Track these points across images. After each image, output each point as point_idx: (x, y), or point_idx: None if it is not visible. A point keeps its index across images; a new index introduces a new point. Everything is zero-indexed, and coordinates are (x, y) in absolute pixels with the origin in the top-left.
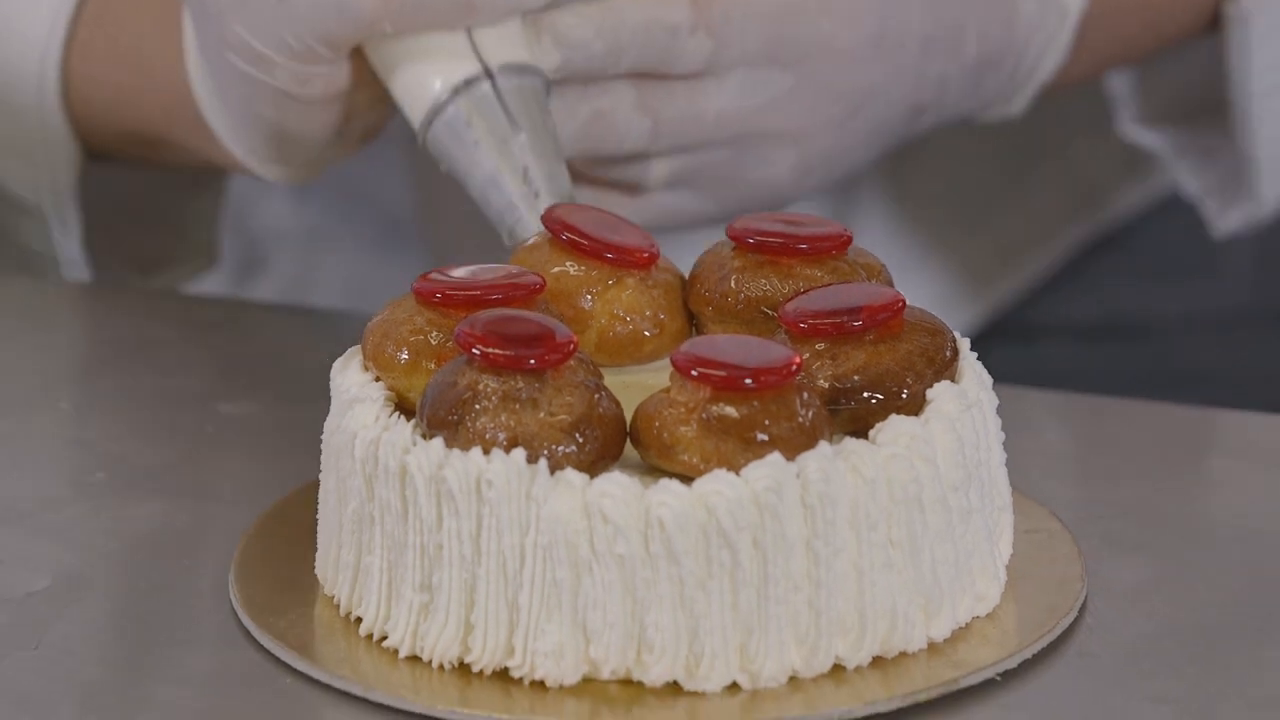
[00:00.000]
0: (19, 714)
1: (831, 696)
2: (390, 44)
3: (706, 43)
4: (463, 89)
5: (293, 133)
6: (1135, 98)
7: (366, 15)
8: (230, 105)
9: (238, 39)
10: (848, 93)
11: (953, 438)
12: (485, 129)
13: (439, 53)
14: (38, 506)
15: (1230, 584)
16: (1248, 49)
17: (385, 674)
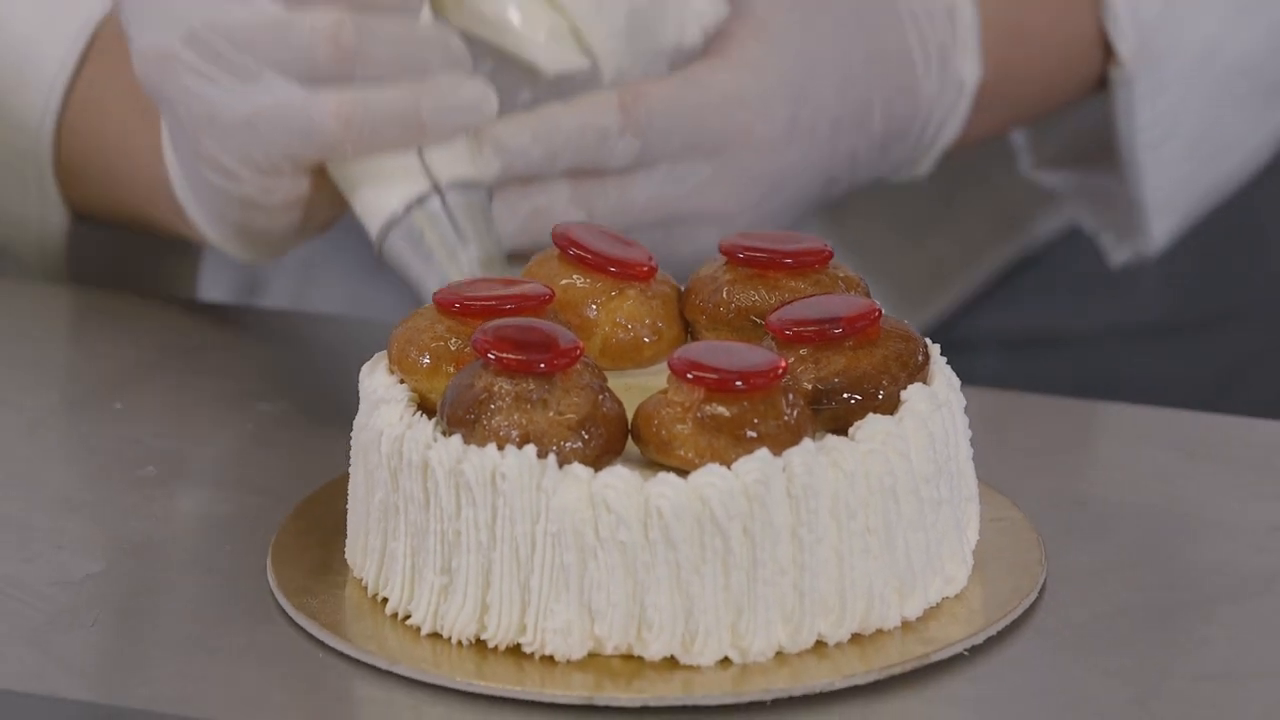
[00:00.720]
0: (78, 684)
1: (814, 670)
2: (349, 163)
3: (634, 143)
4: (415, 205)
5: (258, 230)
6: (1033, 147)
7: (329, 139)
8: (201, 203)
9: (208, 153)
10: (765, 175)
11: (924, 435)
12: (437, 240)
13: (393, 171)
14: (94, 497)
15: (1175, 568)
16: (1131, 108)
17: (408, 649)
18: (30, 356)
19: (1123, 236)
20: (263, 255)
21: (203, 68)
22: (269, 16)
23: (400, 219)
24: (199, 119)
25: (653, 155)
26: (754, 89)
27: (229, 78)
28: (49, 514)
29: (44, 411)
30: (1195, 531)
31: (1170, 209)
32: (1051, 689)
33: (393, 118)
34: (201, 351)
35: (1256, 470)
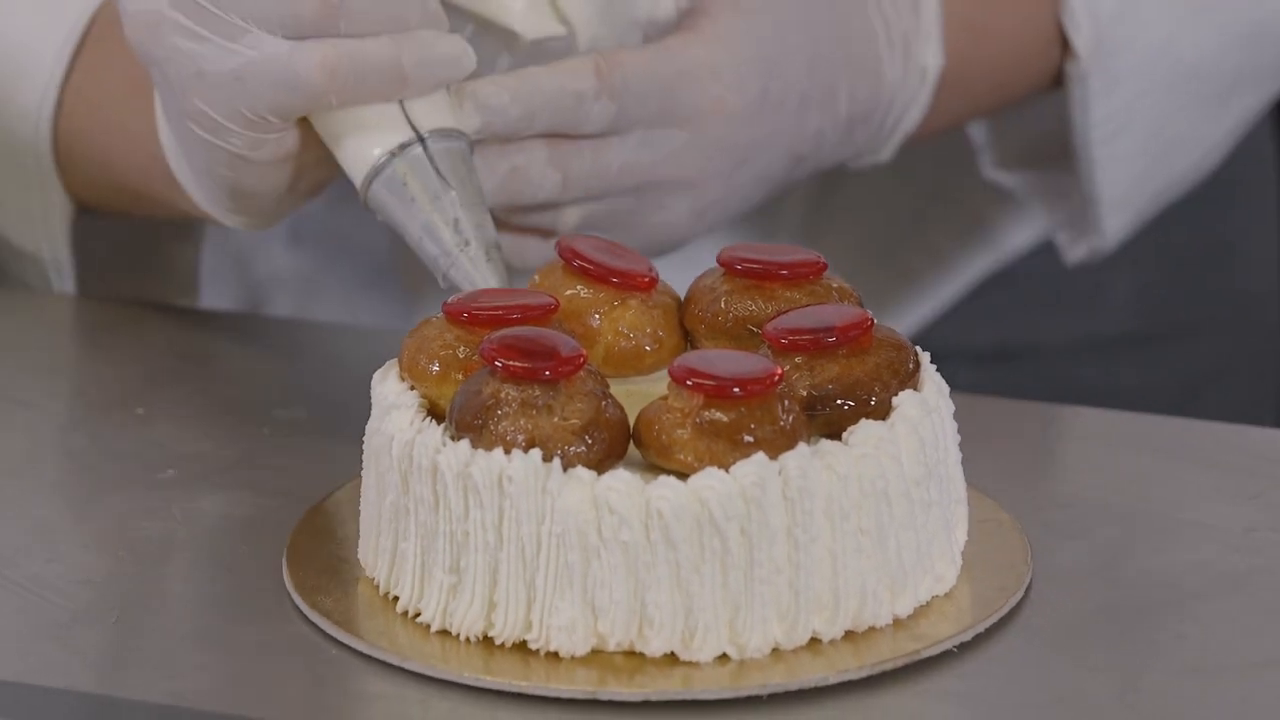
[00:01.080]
0: (99, 680)
1: (809, 666)
2: (333, 114)
3: (610, 107)
4: (398, 152)
5: (248, 189)
6: (991, 145)
7: (314, 90)
8: (193, 165)
9: (197, 110)
10: (735, 146)
11: (915, 440)
12: (419, 187)
13: (376, 121)
14: (117, 499)
15: (1154, 567)
16: (1086, 102)
17: (418, 646)
18: (55, 364)
19: (1078, 234)
20: (255, 220)
21: (190, 26)
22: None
23: (384, 166)
24: (187, 77)
25: (627, 121)
26: (726, 61)
27: (216, 35)
28: (73, 514)
29: (69, 416)
30: (1173, 532)
31: (1123, 205)
32: (1037, 684)
33: (375, 69)
34: (216, 359)
35: (1230, 473)
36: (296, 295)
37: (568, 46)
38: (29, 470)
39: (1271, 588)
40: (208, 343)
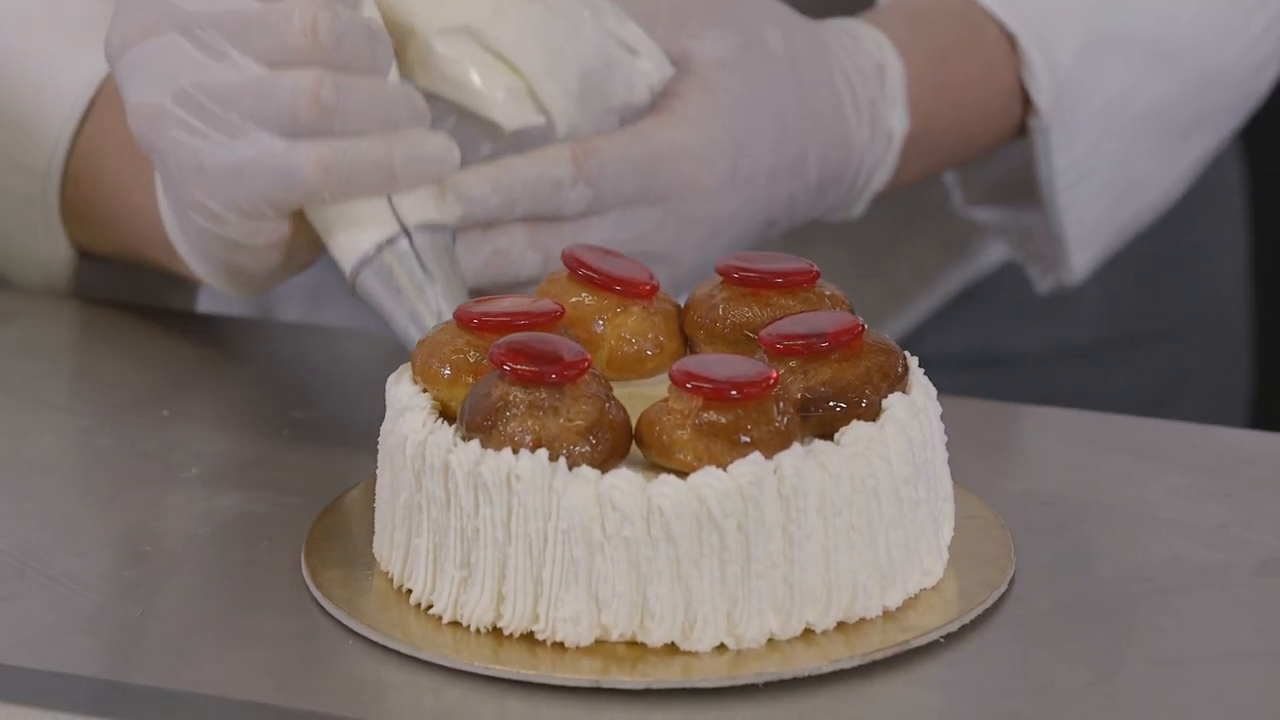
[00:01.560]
0: (124, 669)
1: (803, 656)
2: (326, 208)
3: (587, 192)
4: (385, 246)
5: (243, 268)
6: (961, 187)
7: (309, 186)
8: (191, 245)
9: (196, 200)
10: (708, 219)
11: (904, 440)
12: (405, 278)
13: (366, 215)
14: (142, 496)
15: (1131, 562)
16: (1049, 153)
17: (431, 636)
18: (84, 368)
19: (1046, 269)
20: (248, 291)
21: (191, 123)
22: (253, 77)
23: (372, 258)
24: (188, 169)
25: (604, 203)
26: (697, 142)
27: (216, 132)
28: (100, 511)
29: (97, 418)
30: (1148, 529)
31: (1088, 243)
32: (1020, 672)
33: (367, 167)
34: (236, 364)
35: (1203, 473)
36: (303, 306)
37: (547, 134)
38: (58, 469)
39: (1243, 582)
40: (227, 348)
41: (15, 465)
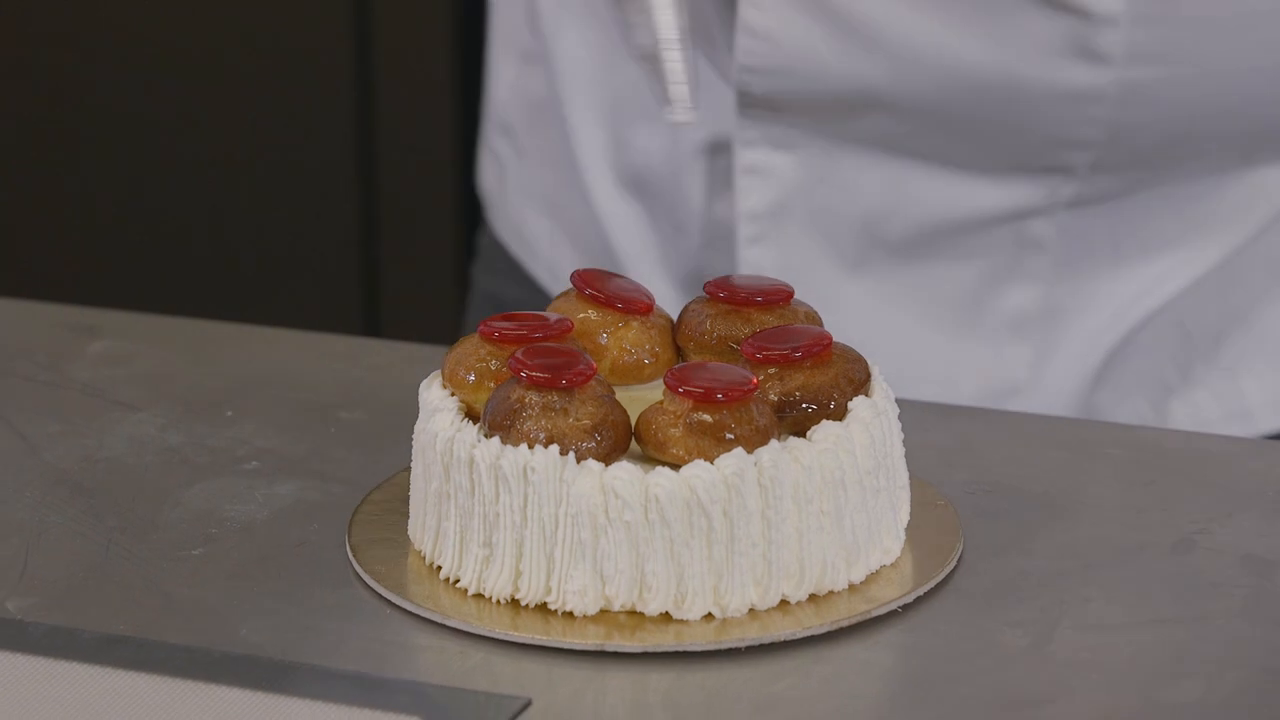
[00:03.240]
0: (193, 634)
1: (779, 623)
2: None
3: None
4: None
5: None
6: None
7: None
8: None
9: None
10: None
11: (867, 437)
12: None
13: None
14: (209, 485)
15: (1063, 541)
16: None
17: (458, 606)
18: (158, 375)
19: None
20: None
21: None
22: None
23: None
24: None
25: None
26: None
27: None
28: (173, 497)
29: (171, 417)
30: (1079, 512)
31: None
32: (967, 637)
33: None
34: (290, 371)
35: (1125, 465)
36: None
37: None
38: (135, 462)
39: (1159, 558)
40: (282, 358)
41: (99, 460)
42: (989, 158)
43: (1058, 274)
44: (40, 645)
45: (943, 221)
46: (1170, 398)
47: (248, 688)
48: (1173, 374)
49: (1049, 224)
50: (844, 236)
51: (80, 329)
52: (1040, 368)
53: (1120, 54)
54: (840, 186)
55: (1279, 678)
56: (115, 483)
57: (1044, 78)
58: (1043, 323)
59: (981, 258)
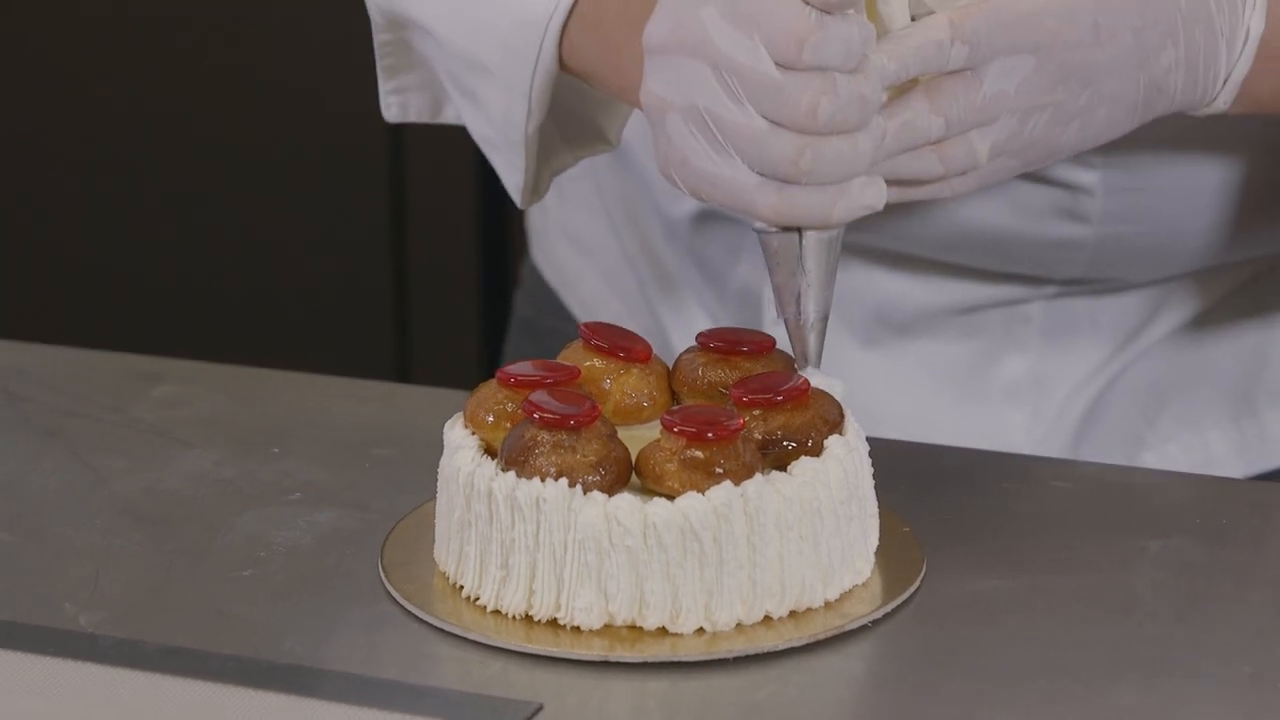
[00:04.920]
0: (244, 645)
1: (763, 636)
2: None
3: (963, 49)
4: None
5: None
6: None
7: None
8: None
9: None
10: (1081, 69)
11: (840, 471)
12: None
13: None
14: (257, 514)
15: (1019, 562)
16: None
17: (478, 621)
18: (213, 416)
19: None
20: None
21: (691, 130)
22: (757, 126)
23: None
24: (674, 156)
25: (980, 57)
26: (1055, 5)
27: (708, 146)
28: (226, 527)
29: (223, 454)
30: (1028, 536)
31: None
32: (929, 648)
33: (810, 213)
34: (330, 413)
35: (1069, 494)
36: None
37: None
38: (192, 494)
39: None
40: (322, 401)
41: (160, 492)
42: (988, 269)
43: (1044, 347)
44: (108, 655)
45: (942, 308)
46: (1143, 450)
47: (291, 693)
48: (1144, 428)
49: (1035, 308)
50: (858, 319)
51: (145, 375)
52: (1032, 430)
53: (1097, 216)
54: (857, 280)
55: (1209, 679)
56: (175, 511)
57: (1034, 231)
58: (1033, 389)
59: (976, 337)
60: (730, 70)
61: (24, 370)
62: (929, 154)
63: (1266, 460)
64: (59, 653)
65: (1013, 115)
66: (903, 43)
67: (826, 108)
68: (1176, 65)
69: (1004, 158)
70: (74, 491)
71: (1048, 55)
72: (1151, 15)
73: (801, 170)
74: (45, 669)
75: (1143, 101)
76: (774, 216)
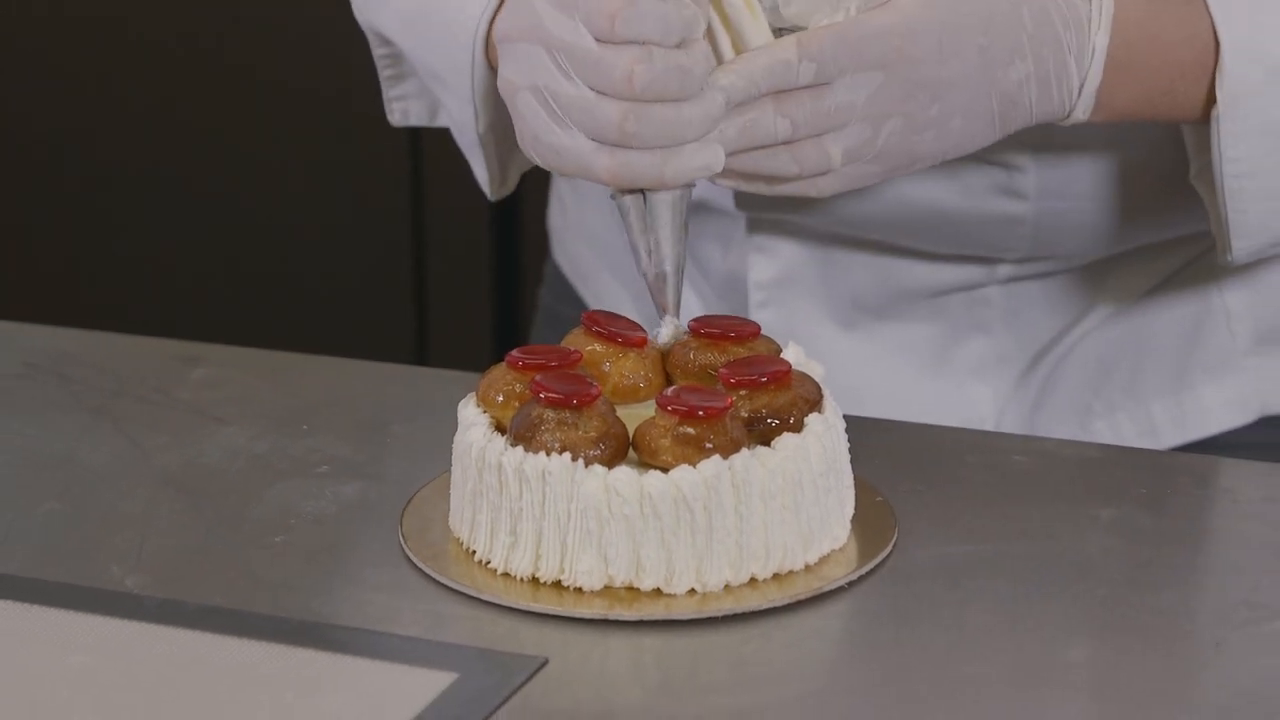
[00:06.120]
0: (274, 605)
1: (749, 597)
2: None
3: (811, 66)
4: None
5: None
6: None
7: (599, 178)
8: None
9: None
10: (927, 84)
11: (820, 446)
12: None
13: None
14: (287, 486)
15: (982, 529)
16: (1220, 142)
17: (489, 583)
18: (247, 395)
19: (1221, 247)
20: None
21: (536, 108)
22: (584, 96)
23: (614, 195)
24: (527, 133)
25: (828, 73)
26: (903, 22)
27: (550, 120)
28: (258, 497)
29: (256, 431)
30: (994, 506)
31: (1247, 235)
32: (899, 608)
33: (644, 173)
34: (355, 393)
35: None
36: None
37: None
38: (227, 467)
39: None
40: (348, 382)
41: (199, 465)
42: (944, 251)
43: (1003, 327)
44: (151, 614)
45: (911, 292)
46: (1093, 420)
47: (318, 649)
48: (1093, 400)
49: (994, 291)
50: (836, 303)
51: (184, 359)
52: (995, 404)
53: (1033, 191)
54: (833, 266)
55: (1155, 636)
56: (212, 483)
57: (979, 210)
58: (995, 367)
59: (942, 319)
60: (559, 48)
61: (74, 355)
62: (783, 153)
63: (1202, 429)
64: (106, 611)
65: (864, 123)
66: (752, 61)
67: (642, 75)
68: (1028, 79)
69: (862, 163)
70: (120, 465)
71: (894, 71)
72: (996, 34)
73: (628, 134)
74: (94, 626)
75: (999, 113)
76: (612, 179)
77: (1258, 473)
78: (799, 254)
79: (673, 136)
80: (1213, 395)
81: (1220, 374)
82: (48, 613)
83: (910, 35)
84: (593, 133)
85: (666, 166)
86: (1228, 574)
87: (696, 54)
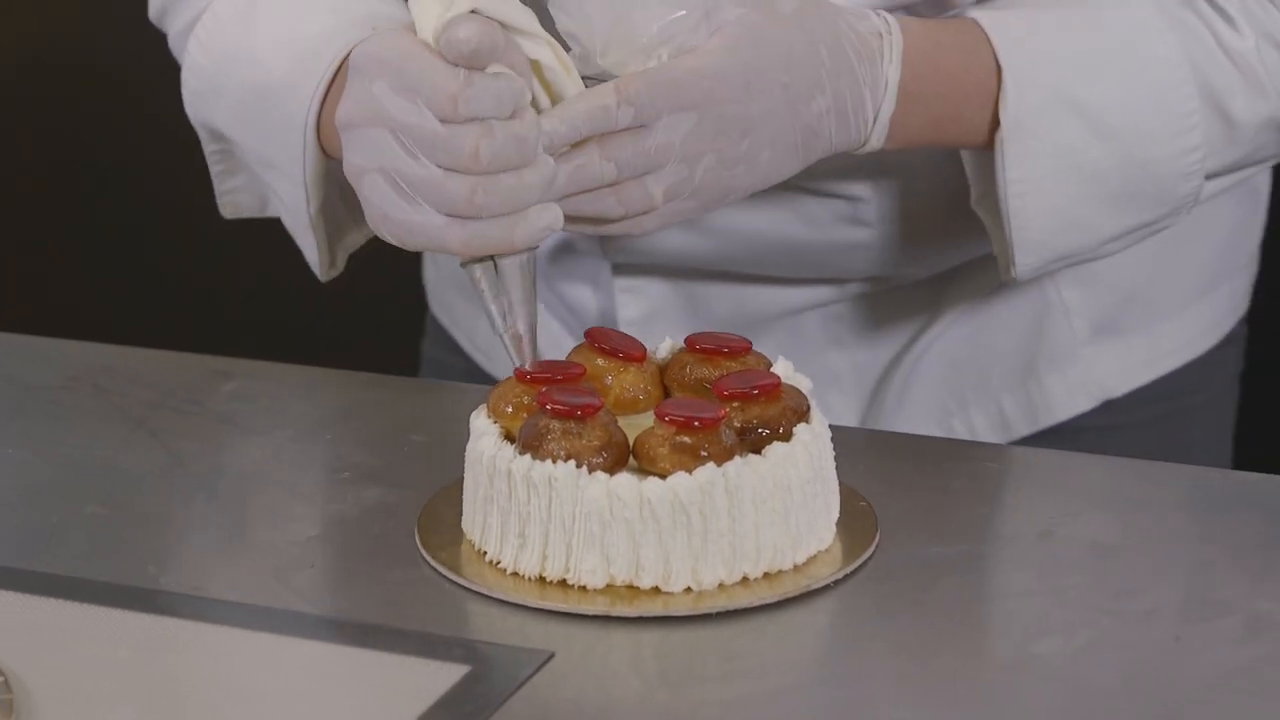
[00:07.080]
0: (300, 602)
1: (741, 595)
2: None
3: (629, 110)
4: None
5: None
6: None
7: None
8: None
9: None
10: (738, 120)
11: (807, 454)
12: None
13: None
14: (313, 490)
15: (959, 531)
16: (1004, 162)
17: (499, 582)
18: (275, 407)
19: (1003, 265)
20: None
21: (385, 189)
22: (433, 175)
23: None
24: (377, 213)
25: (646, 116)
26: (711, 66)
27: (400, 199)
28: (285, 501)
29: (284, 439)
30: (973, 509)
31: (1030, 252)
32: (882, 604)
33: (494, 241)
34: (375, 405)
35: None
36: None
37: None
38: (257, 473)
39: (1029, 543)
40: (369, 394)
41: (227, 470)
42: (798, 276)
43: (856, 341)
44: (185, 610)
45: (773, 313)
46: (951, 419)
47: (339, 643)
48: (948, 400)
49: (845, 307)
50: (722, 323)
51: (217, 373)
52: (859, 410)
53: (875, 219)
54: (696, 299)
55: (1119, 634)
56: (242, 488)
57: (825, 239)
58: (854, 377)
59: (802, 336)
60: (403, 131)
61: (114, 369)
62: (608, 195)
63: (1050, 417)
64: (143, 608)
65: (681, 162)
66: (572, 107)
67: (486, 150)
68: (828, 112)
69: (681, 200)
70: (156, 471)
71: (706, 111)
72: (796, 71)
73: (477, 205)
74: (133, 623)
75: (802, 144)
76: (464, 250)
77: (1218, 479)
78: (663, 290)
79: (518, 203)
80: (1057, 385)
81: (1063, 365)
82: (92, 610)
83: (719, 77)
84: (444, 208)
85: (515, 232)
86: (1189, 573)
87: (529, 121)
